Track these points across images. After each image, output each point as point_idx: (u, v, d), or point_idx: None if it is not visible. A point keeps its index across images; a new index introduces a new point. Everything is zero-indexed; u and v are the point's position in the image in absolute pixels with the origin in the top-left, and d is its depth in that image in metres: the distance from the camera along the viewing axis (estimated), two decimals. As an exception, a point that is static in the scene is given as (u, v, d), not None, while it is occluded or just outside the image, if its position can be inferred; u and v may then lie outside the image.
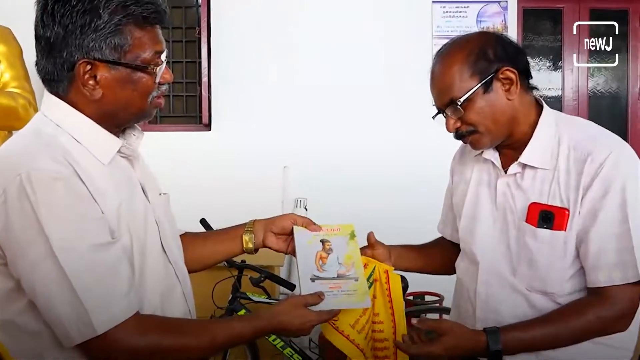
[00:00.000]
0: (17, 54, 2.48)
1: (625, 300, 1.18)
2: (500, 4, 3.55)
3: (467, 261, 1.39)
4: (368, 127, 3.52)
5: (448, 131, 1.29)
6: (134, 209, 1.05)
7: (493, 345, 1.19)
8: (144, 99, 1.04)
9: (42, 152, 0.95)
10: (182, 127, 3.62)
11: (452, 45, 1.29)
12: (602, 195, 1.17)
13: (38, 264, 0.91)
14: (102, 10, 0.96)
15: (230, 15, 3.52)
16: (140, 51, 1.01)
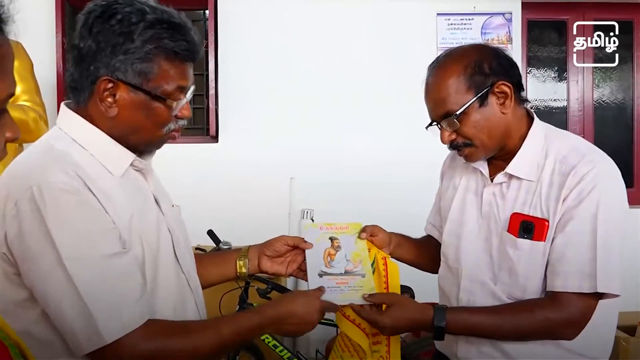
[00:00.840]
0: (28, 68, 2.51)
1: (575, 308, 1.19)
2: (505, 15, 3.56)
3: (448, 268, 1.41)
4: (374, 138, 3.53)
5: (443, 143, 1.30)
6: (146, 220, 1.06)
7: (437, 321, 1.22)
8: (156, 128, 1.06)
9: (53, 166, 0.96)
10: (189, 139, 3.64)
11: (448, 57, 1.30)
12: (575, 206, 1.19)
13: (49, 274, 0.92)
14: (136, 36, 0.99)
15: (237, 29, 3.55)
16: (164, 82, 1.03)
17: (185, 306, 1.12)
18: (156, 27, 1.00)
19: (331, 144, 3.53)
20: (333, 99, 3.55)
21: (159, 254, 1.07)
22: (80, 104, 1.05)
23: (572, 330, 1.21)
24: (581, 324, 1.20)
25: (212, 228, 2.73)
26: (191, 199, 3.40)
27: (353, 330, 1.30)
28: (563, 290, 1.19)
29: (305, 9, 3.56)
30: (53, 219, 0.91)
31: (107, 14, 0.99)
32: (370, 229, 1.42)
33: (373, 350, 1.37)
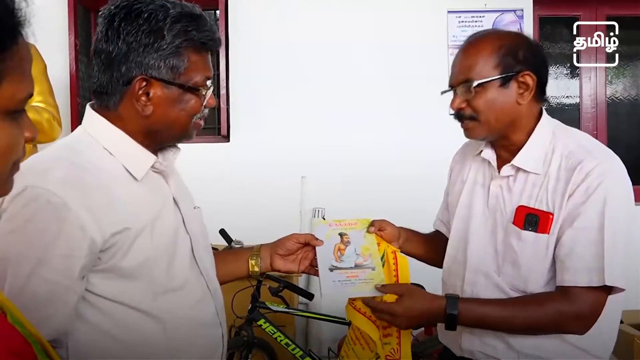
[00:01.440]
0: (42, 70, 2.54)
1: (586, 302, 1.20)
2: (516, 12, 3.54)
3: (454, 261, 1.42)
4: (385, 136, 3.53)
5: (451, 107, 1.32)
6: (164, 222, 1.07)
7: (450, 309, 1.23)
8: (188, 120, 1.07)
9: (58, 168, 0.96)
10: (201, 139, 3.65)
11: (490, 33, 1.34)
12: (583, 202, 1.20)
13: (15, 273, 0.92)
14: (165, 32, 1.00)
15: (248, 29, 3.57)
16: (193, 74, 1.05)
17: (203, 308, 1.12)
18: (182, 20, 1.01)
19: (342, 142, 3.53)
20: (344, 98, 3.55)
21: (175, 255, 1.07)
22: (110, 108, 1.05)
23: (582, 324, 1.22)
24: (591, 318, 1.21)
25: (224, 227, 2.74)
26: (203, 199, 3.40)
27: (364, 322, 1.32)
28: (572, 285, 1.20)
29: (315, 8, 3.56)
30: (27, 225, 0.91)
31: (133, 14, 1.00)
32: (378, 223, 1.43)
33: (384, 343, 1.39)
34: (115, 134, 1.04)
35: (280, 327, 2.72)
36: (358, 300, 1.32)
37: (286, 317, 2.88)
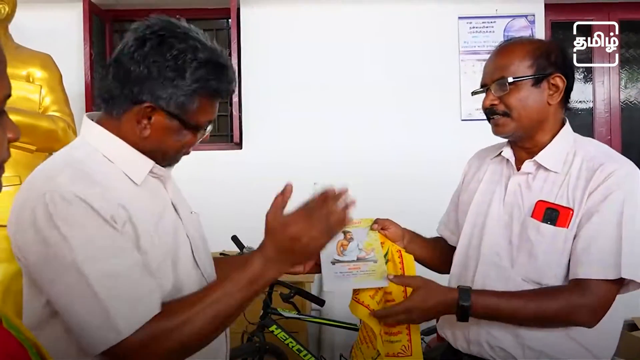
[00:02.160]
0: (58, 80, 2.59)
1: (598, 294, 1.23)
2: (527, 17, 3.53)
3: (465, 255, 1.44)
4: (396, 142, 3.53)
5: (484, 105, 1.37)
6: (164, 226, 1.09)
7: (463, 300, 1.25)
8: (178, 151, 1.12)
9: (68, 174, 0.99)
10: (214, 146, 3.69)
11: (524, 38, 1.43)
12: (602, 200, 1.24)
13: (64, 275, 0.94)
14: (188, 73, 1.02)
15: (259, 38, 3.60)
16: (199, 117, 1.08)
17: None
18: (207, 66, 1.03)
19: (354, 148, 3.54)
20: (354, 104, 3.56)
21: (178, 259, 1.09)
22: (113, 116, 1.08)
23: (592, 316, 1.24)
24: (601, 310, 1.24)
25: (237, 233, 2.75)
26: (216, 205, 3.45)
27: (364, 313, 1.33)
28: (586, 278, 1.23)
29: (325, 15, 3.59)
30: (63, 224, 0.94)
31: (165, 46, 1.02)
32: (381, 222, 1.46)
33: (395, 340, 1.39)
34: (113, 142, 1.07)
35: (293, 333, 2.72)
36: (362, 294, 1.33)
37: (298, 324, 2.89)
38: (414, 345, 1.41)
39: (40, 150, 2.47)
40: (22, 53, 2.55)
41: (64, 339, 0.99)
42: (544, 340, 1.29)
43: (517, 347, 1.31)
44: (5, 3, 2.53)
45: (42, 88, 2.51)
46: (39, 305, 1.01)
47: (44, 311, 1.01)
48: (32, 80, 2.51)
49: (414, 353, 1.41)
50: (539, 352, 1.29)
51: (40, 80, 2.52)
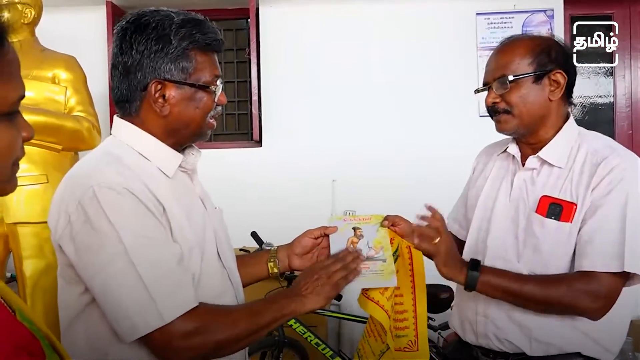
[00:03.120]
0: (82, 81, 2.64)
1: (603, 285, 1.23)
2: (546, 12, 3.50)
3: (473, 249, 1.46)
4: (414, 139, 3.54)
5: (486, 103, 1.38)
6: (194, 218, 1.14)
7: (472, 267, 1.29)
8: (203, 118, 1.15)
9: (110, 169, 1.05)
10: (234, 144, 3.74)
11: (524, 35, 1.42)
12: (606, 194, 1.25)
13: (111, 263, 0.99)
14: (172, 37, 1.09)
15: (278, 37, 3.62)
16: (202, 74, 1.12)
17: (224, 298, 1.17)
18: (186, 26, 1.10)
19: (372, 145, 3.55)
20: (373, 101, 3.57)
21: (205, 249, 1.13)
22: (133, 114, 1.13)
23: (597, 306, 1.24)
24: (607, 302, 1.24)
25: (256, 229, 2.79)
26: (236, 201, 3.49)
27: (375, 309, 1.33)
28: (591, 269, 1.24)
29: (342, 14, 3.59)
30: (113, 215, 0.99)
31: (142, 26, 1.09)
32: (392, 219, 1.45)
33: (401, 335, 1.40)
34: (144, 137, 1.12)
35: (312, 327, 2.75)
36: (371, 290, 1.34)
37: (317, 318, 2.91)
38: (420, 340, 1.41)
39: (66, 150, 2.53)
40: (47, 55, 2.61)
41: (99, 326, 1.04)
42: (551, 332, 1.30)
43: (524, 339, 1.32)
44: (31, 7, 2.60)
45: (67, 89, 2.56)
46: (76, 294, 1.06)
47: (79, 301, 1.06)
48: (57, 81, 2.56)
49: (420, 348, 1.41)
50: (546, 344, 1.30)
51: (66, 81, 2.57)
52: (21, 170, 2.40)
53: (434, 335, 2.77)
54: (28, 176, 2.41)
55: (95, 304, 1.03)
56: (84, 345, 1.04)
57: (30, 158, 2.41)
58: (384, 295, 1.35)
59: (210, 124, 1.17)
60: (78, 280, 1.05)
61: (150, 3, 3.75)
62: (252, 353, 2.65)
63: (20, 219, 2.42)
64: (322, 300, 1.16)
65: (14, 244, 2.47)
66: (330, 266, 1.20)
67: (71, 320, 1.08)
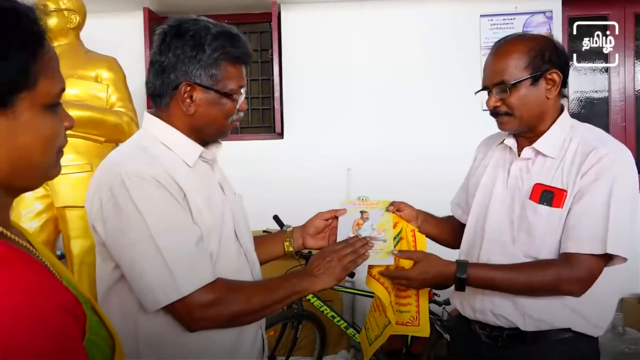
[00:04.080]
0: (122, 80, 2.67)
1: (585, 267, 1.22)
2: (545, 14, 3.43)
3: (473, 233, 1.44)
4: (421, 131, 3.52)
5: (487, 107, 1.35)
6: (213, 203, 1.15)
7: (460, 273, 1.27)
8: (225, 120, 1.16)
9: (138, 158, 1.07)
10: (259, 137, 3.76)
11: (518, 37, 1.35)
12: (593, 181, 1.22)
13: (136, 242, 1.01)
14: (206, 46, 1.10)
15: (298, 38, 3.62)
16: (229, 82, 1.14)
17: (241, 275, 1.18)
18: (220, 38, 1.11)
19: (383, 138, 3.55)
20: (384, 97, 3.56)
21: (222, 230, 1.14)
22: (162, 108, 1.15)
23: (578, 287, 1.24)
24: (588, 282, 1.23)
25: (278, 213, 2.81)
26: (260, 187, 3.51)
27: (377, 286, 1.34)
28: (575, 251, 1.23)
29: (357, 17, 3.58)
30: (138, 199, 1.02)
31: (181, 32, 1.10)
32: (397, 204, 1.45)
33: (404, 311, 1.41)
34: (169, 131, 1.14)
35: (328, 302, 2.77)
36: (374, 269, 1.35)
37: (333, 293, 2.93)
38: (421, 316, 1.41)
39: (108, 142, 2.56)
40: (91, 57, 2.64)
41: (129, 298, 1.07)
42: (542, 309, 1.29)
43: (518, 315, 1.31)
44: (76, 13, 2.62)
45: (109, 87, 2.59)
46: (109, 270, 1.09)
47: (112, 276, 1.09)
48: (100, 80, 2.59)
49: (421, 323, 1.42)
50: (538, 319, 1.29)
51: (107, 80, 2.60)
52: (68, 160, 2.46)
53: (439, 309, 2.76)
54: (74, 165, 2.45)
55: (124, 279, 1.06)
56: (117, 314, 1.06)
57: (76, 149, 2.45)
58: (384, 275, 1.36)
59: (232, 125, 1.19)
60: (110, 258, 1.07)
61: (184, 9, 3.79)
62: (274, 324, 2.68)
63: (68, 203, 2.46)
64: (332, 281, 1.18)
65: (62, 225, 2.52)
66: (341, 250, 1.21)
67: (105, 292, 1.11)
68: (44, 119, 0.62)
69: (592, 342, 1.31)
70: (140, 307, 1.06)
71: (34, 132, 0.61)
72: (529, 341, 1.30)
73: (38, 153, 0.62)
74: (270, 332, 2.70)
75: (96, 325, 0.63)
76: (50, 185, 2.46)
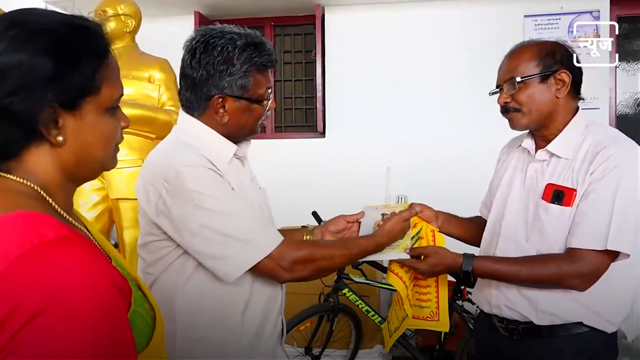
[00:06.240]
0: (173, 80, 2.80)
1: (588, 262, 1.23)
2: (592, 13, 3.34)
3: (492, 231, 1.47)
4: (461, 131, 3.50)
5: (498, 103, 1.39)
6: (247, 195, 1.23)
7: (465, 266, 1.35)
8: (255, 123, 1.24)
9: (189, 152, 1.15)
10: (302, 135, 3.84)
11: (531, 41, 1.41)
12: (599, 179, 1.23)
13: (206, 222, 1.09)
14: (235, 60, 1.15)
15: (341, 40, 3.67)
16: (258, 89, 1.20)
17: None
18: (247, 49, 1.16)
19: (423, 137, 3.55)
20: (425, 97, 3.56)
21: None
22: (196, 117, 1.22)
23: (581, 282, 1.26)
24: (591, 277, 1.25)
25: (317, 209, 2.87)
26: (302, 184, 3.59)
27: (396, 280, 1.41)
28: (578, 247, 1.25)
29: (398, 18, 3.59)
30: (197, 185, 1.10)
31: (209, 48, 1.15)
32: (416, 206, 1.50)
33: (424, 306, 1.46)
34: (206, 131, 1.21)
35: (364, 297, 2.81)
36: (394, 266, 1.41)
37: (369, 289, 2.97)
38: (441, 311, 1.46)
39: (159, 138, 2.68)
40: (145, 58, 2.78)
41: (194, 275, 1.16)
42: (554, 303, 1.30)
43: (531, 309, 1.33)
44: (132, 18, 2.77)
45: (161, 87, 2.71)
46: (166, 252, 1.17)
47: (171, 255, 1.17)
48: (152, 80, 2.72)
49: (441, 319, 1.47)
50: (550, 314, 1.31)
51: (159, 80, 2.73)
52: (122, 155, 2.61)
53: (472, 307, 2.76)
54: (128, 160, 2.60)
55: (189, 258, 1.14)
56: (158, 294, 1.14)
57: (129, 145, 2.59)
58: (403, 269, 1.42)
59: (261, 124, 1.26)
60: (155, 253, 1.17)
61: (233, 13, 3.89)
62: (310, 316, 2.75)
63: (122, 195, 2.61)
64: (391, 240, 1.34)
65: (116, 216, 2.67)
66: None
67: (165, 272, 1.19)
68: (105, 120, 0.71)
69: (608, 338, 1.31)
70: (214, 279, 1.14)
71: (96, 131, 0.70)
72: (544, 335, 1.32)
73: (99, 149, 0.71)
74: (306, 324, 2.76)
75: (140, 299, 0.71)
76: (106, 178, 2.62)
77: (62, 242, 0.60)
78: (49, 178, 0.69)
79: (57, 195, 0.69)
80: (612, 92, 3.45)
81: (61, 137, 0.67)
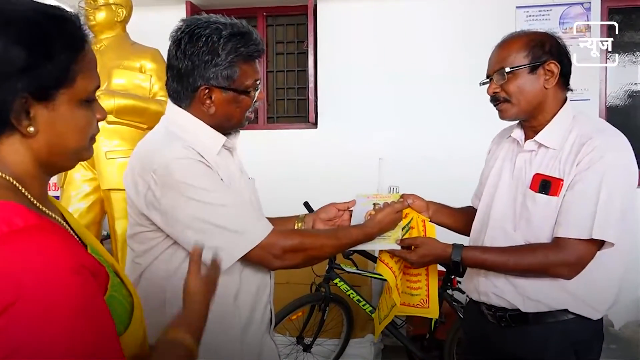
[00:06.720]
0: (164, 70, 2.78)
1: (574, 251, 1.25)
2: (583, 5, 3.35)
3: (481, 220, 1.49)
4: (453, 122, 3.51)
5: (488, 93, 1.40)
6: (235, 184, 1.23)
7: (454, 256, 1.37)
8: (243, 114, 1.23)
9: (177, 144, 1.13)
10: (294, 126, 3.83)
11: (521, 32, 1.41)
12: (585, 169, 1.25)
13: (197, 214, 1.09)
14: (220, 51, 1.14)
15: (333, 31, 3.66)
16: (244, 80, 1.19)
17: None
18: (233, 39, 1.14)
19: (416, 129, 3.56)
20: (417, 88, 3.56)
21: None
22: (184, 108, 1.21)
23: (567, 270, 1.28)
24: (576, 266, 1.27)
25: (309, 200, 2.87)
26: (294, 174, 3.59)
27: (385, 270, 1.42)
28: (564, 236, 1.26)
29: (390, 9, 3.58)
30: (186, 177, 1.09)
31: (194, 38, 1.14)
32: (407, 196, 1.52)
33: (415, 294, 1.48)
34: (194, 121, 1.20)
35: (356, 287, 2.83)
36: (384, 256, 1.42)
37: (361, 279, 2.98)
38: (431, 299, 1.49)
39: (151, 129, 2.67)
40: (136, 48, 2.76)
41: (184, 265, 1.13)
42: (540, 291, 1.32)
43: (518, 297, 1.35)
44: (123, 7, 2.75)
45: (152, 77, 2.70)
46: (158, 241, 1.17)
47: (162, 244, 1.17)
48: (144, 70, 2.70)
49: (430, 306, 1.50)
50: (537, 301, 1.33)
51: (151, 70, 2.71)
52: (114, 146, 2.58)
53: (462, 297, 2.79)
54: (119, 150, 2.59)
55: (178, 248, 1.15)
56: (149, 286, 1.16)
57: (121, 135, 2.58)
58: (393, 259, 1.43)
59: (248, 117, 1.24)
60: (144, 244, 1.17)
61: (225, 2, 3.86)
62: (302, 306, 2.76)
63: (113, 186, 2.59)
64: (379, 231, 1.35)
65: (108, 206, 2.66)
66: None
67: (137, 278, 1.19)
68: (79, 111, 0.70)
69: (594, 325, 1.34)
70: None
71: (70, 123, 0.70)
72: (531, 322, 1.34)
73: (72, 140, 0.71)
74: (298, 314, 2.78)
75: (117, 285, 0.72)
76: (97, 169, 2.61)
77: (31, 230, 0.60)
78: (22, 168, 0.68)
79: (30, 185, 0.69)
80: (602, 84, 3.47)
81: (32, 127, 0.66)
